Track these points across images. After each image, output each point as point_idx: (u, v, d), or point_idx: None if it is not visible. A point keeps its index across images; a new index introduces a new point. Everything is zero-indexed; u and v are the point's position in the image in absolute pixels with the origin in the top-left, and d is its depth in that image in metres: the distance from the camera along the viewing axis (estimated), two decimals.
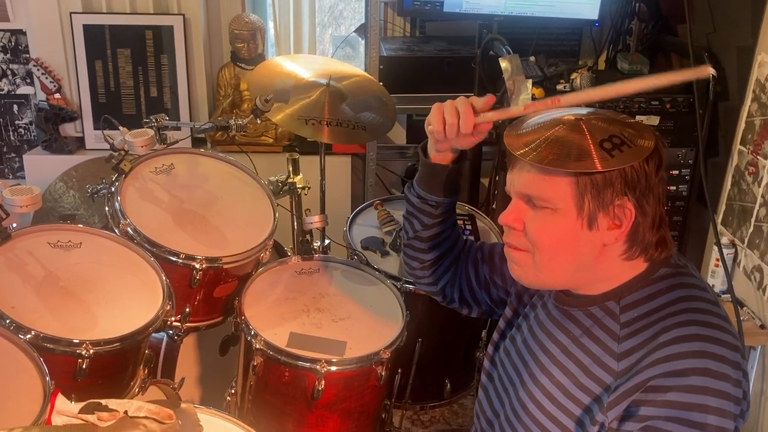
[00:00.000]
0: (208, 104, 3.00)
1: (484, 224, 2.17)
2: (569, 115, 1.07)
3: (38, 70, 2.86)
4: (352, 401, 1.67)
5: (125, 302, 1.54)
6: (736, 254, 2.23)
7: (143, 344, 1.58)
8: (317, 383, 1.57)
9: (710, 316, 1.03)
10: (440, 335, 1.97)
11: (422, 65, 2.75)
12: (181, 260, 1.68)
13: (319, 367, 1.57)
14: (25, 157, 2.96)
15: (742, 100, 2.23)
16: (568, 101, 1.06)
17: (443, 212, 1.38)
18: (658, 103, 2.38)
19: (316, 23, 3.11)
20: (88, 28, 2.81)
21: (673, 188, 2.45)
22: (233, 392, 1.85)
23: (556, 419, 1.10)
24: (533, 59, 2.46)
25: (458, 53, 2.77)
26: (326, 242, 2.20)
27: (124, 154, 1.74)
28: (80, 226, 1.65)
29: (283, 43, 3.11)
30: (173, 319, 1.68)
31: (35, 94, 2.98)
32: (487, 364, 1.33)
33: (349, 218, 2.12)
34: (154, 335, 1.63)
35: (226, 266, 1.73)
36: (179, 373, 1.91)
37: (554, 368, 1.12)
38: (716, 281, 2.25)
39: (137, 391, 1.60)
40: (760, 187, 2.12)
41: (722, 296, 2.20)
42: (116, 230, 1.68)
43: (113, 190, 1.73)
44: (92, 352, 1.38)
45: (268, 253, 1.84)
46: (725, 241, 2.25)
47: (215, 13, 3.01)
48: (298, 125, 1.99)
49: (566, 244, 1.06)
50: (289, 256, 2.01)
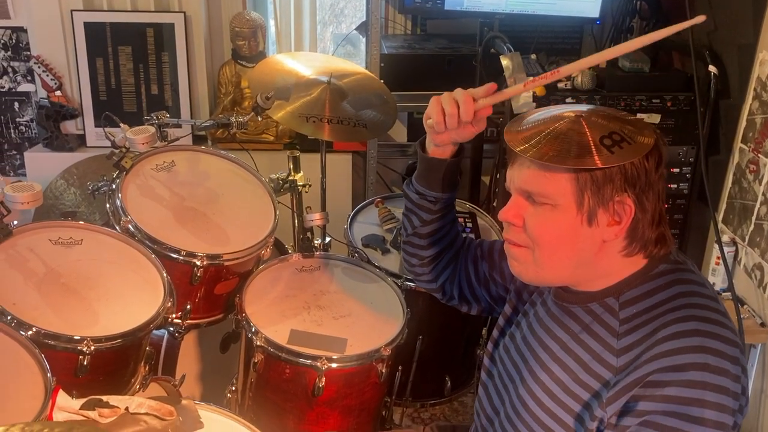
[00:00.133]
0: (209, 102, 3.00)
1: (484, 222, 2.17)
2: (569, 111, 1.07)
3: (39, 67, 2.86)
4: (352, 398, 1.67)
5: (126, 299, 1.54)
6: (736, 252, 2.23)
7: (144, 341, 1.58)
8: (318, 380, 1.58)
9: (709, 311, 1.03)
10: (440, 333, 1.97)
11: (423, 63, 2.74)
12: (182, 257, 1.68)
13: (319, 364, 1.57)
14: (26, 154, 2.96)
15: (743, 98, 2.23)
16: (567, 70, 1.06)
17: (442, 208, 1.38)
18: (659, 101, 2.38)
19: (317, 21, 3.11)
20: (89, 25, 2.82)
21: (674, 186, 2.45)
22: (234, 389, 1.86)
23: (555, 415, 1.10)
24: (534, 57, 2.46)
25: (459, 51, 2.77)
26: (327, 240, 2.20)
27: (125, 151, 1.74)
28: (81, 223, 1.66)
29: (283, 40, 3.11)
30: (174, 316, 1.68)
31: (36, 91, 2.99)
32: (487, 361, 1.33)
33: (349, 216, 2.13)
34: (155, 332, 1.64)
35: (227, 263, 1.74)
36: (180, 370, 1.91)
37: (554, 365, 1.12)
38: (717, 279, 2.25)
39: (138, 387, 1.61)
40: (761, 185, 2.12)
41: (723, 294, 2.20)
42: (117, 227, 1.69)
43: (114, 187, 1.73)
44: (93, 348, 1.38)
45: (268, 250, 1.85)
46: (726, 239, 2.25)
47: (216, 10, 3.01)
48: (299, 123, 1.99)
49: (566, 240, 1.06)
50: (289, 253, 2.01)
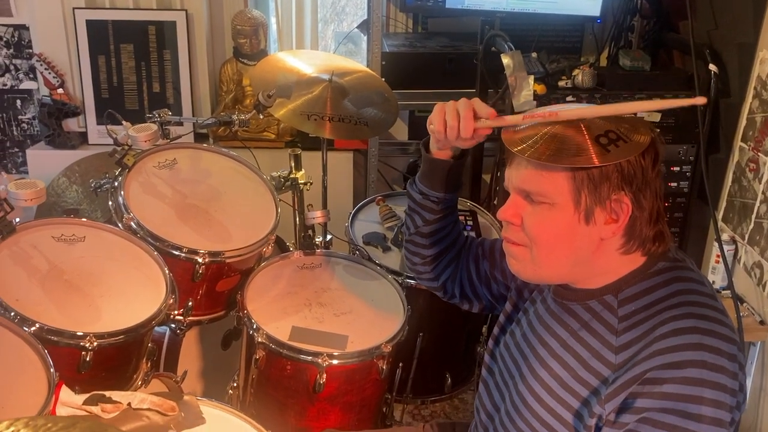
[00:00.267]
0: (210, 100, 3.00)
1: (485, 220, 2.18)
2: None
3: (41, 65, 2.87)
4: (353, 395, 1.68)
5: (129, 296, 1.55)
6: (736, 250, 2.24)
7: (146, 337, 1.59)
8: (319, 377, 1.58)
9: (707, 309, 1.03)
10: (441, 330, 1.98)
11: (424, 61, 2.75)
12: (184, 254, 1.69)
13: (320, 360, 1.58)
14: (28, 151, 2.97)
15: (743, 96, 2.23)
16: (565, 116, 1.07)
17: (444, 208, 1.38)
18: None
19: (318, 19, 3.12)
20: (91, 23, 2.82)
21: (674, 185, 2.46)
22: (235, 386, 1.87)
23: (555, 412, 1.11)
24: (535, 56, 2.47)
25: (460, 49, 2.77)
26: (328, 237, 2.21)
27: (127, 148, 1.75)
28: (84, 220, 1.67)
29: (285, 38, 3.11)
30: (176, 312, 1.69)
31: (38, 89, 2.99)
32: (487, 358, 1.33)
33: (350, 214, 2.13)
34: (156, 329, 1.65)
35: (228, 260, 1.75)
36: (182, 366, 1.92)
37: (553, 362, 1.13)
38: (717, 277, 2.25)
39: (140, 384, 1.62)
40: (760, 183, 2.12)
41: (722, 292, 2.21)
42: (120, 224, 1.69)
43: (117, 184, 1.74)
44: (96, 344, 1.39)
45: (270, 247, 1.85)
46: (726, 237, 2.25)
47: (218, 8, 3.01)
48: (300, 121, 1.99)
49: (564, 238, 1.07)
50: (291, 251, 2.02)
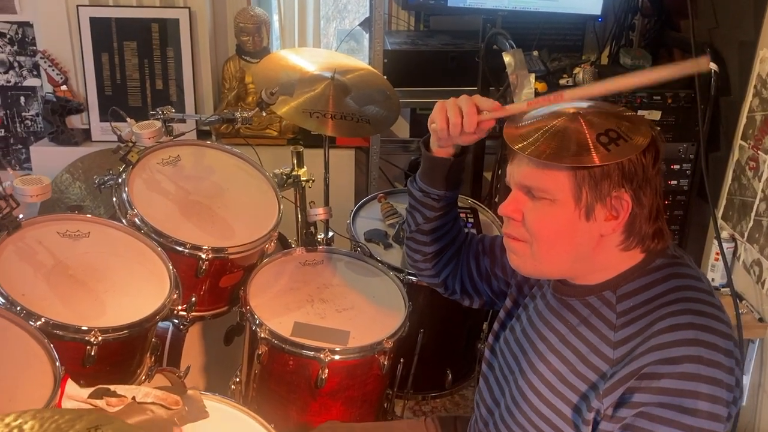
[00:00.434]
0: (213, 97, 3.02)
1: (486, 217, 2.19)
2: (567, 108, 1.09)
3: (45, 62, 2.88)
4: (355, 390, 1.69)
5: (133, 291, 1.56)
6: (735, 248, 2.25)
7: (150, 332, 1.60)
8: (321, 372, 1.60)
9: (704, 305, 1.04)
10: (442, 326, 1.99)
11: (426, 59, 2.75)
12: (187, 250, 1.70)
13: (322, 355, 1.59)
14: (31, 148, 2.98)
15: (743, 95, 2.24)
16: (571, 96, 1.08)
17: (445, 205, 1.40)
18: (659, 98, 2.39)
19: (320, 17, 3.13)
20: (94, 20, 2.83)
21: (674, 183, 2.47)
22: (237, 381, 1.88)
23: (554, 406, 1.12)
24: (536, 54, 2.48)
25: (462, 47, 2.78)
26: (330, 234, 2.22)
27: (131, 145, 1.76)
28: (89, 216, 1.68)
29: (287, 36, 3.12)
30: (179, 308, 1.71)
31: (42, 86, 3.00)
32: (487, 353, 1.34)
33: (352, 211, 2.14)
34: (160, 324, 1.66)
35: (231, 256, 1.76)
36: (184, 362, 1.93)
37: (552, 356, 1.14)
38: (716, 275, 2.26)
39: (144, 378, 1.63)
40: (760, 182, 2.13)
41: (722, 290, 2.21)
42: (123, 220, 1.71)
43: (121, 181, 1.75)
44: (101, 339, 1.40)
45: (273, 244, 1.87)
46: (725, 235, 2.26)
47: (221, 6, 3.02)
48: (302, 118, 2.00)
49: (564, 234, 1.08)
50: (293, 247, 2.03)
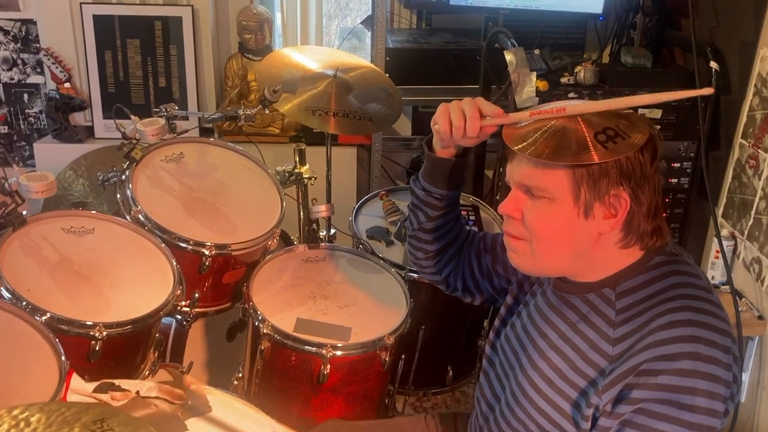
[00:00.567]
0: (215, 95, 3.03)
1: (487, 215, 2.20)
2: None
3: (48, 59, 2.89)
4: (356, 385, 1.70)
5: (137, 287, 1.58)
6: (735, 246, 2.26)
7: (154, 328, 1.62)
8: (323, 367, 1.61)
9: (702, 302, 1.05)
10: (443, 323, 2.00)
11: (428, 57, 2.76)
12: (191, 247, 1.72)
13: (324, 351, 1.60)
14: (35, 145, 3.00)
15: (743, 94, 2.24)
16: (573, 111, 1.09)
17: (447, 204, 1.41)
18: None
19: (322, 14, 3.14)
20: (98, 18, 2.85)
21: (674, 181, 2.47)
22: (240, 376, 1.89)
23: (553, 402, 1.13)
24: (538, 52, 2.48)
25: (464, 46, 2.79)
26: (332, 231, 2.23)
27: (135, 142, 1.78)
28: (93, 212, 1.70)
29: (290, 34, 3.13)
30: (183, 304, 1.72)
31: (45, 83, 3.02)
32: (488, 350, 1.35)
33: (354, 208, 2.15)
34: (163, 320, 1.67)
35: (234, 253, 1.77)
36: (187, 357, 1.94)
37: (552, 353, 1.15)
38: (716, 273, 2.27)
39: (147, 374, 1.64)
40: (760, 180, 2.14)
41: (722, 287, 2.22)
42: (128, 217, 1.72)
43: (125, 177, 1.76)
44: (105, 334, 1.42)
45: (275, 241, 1.88)
46: (725, 233, 2.27)
47: (223, 4, 3.03)
48: (305, 116, 2.01)
49: (563, 232, 1.09)
50: (295, 244, 2.04)
